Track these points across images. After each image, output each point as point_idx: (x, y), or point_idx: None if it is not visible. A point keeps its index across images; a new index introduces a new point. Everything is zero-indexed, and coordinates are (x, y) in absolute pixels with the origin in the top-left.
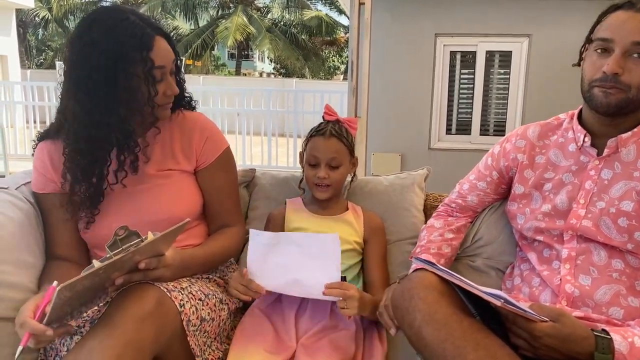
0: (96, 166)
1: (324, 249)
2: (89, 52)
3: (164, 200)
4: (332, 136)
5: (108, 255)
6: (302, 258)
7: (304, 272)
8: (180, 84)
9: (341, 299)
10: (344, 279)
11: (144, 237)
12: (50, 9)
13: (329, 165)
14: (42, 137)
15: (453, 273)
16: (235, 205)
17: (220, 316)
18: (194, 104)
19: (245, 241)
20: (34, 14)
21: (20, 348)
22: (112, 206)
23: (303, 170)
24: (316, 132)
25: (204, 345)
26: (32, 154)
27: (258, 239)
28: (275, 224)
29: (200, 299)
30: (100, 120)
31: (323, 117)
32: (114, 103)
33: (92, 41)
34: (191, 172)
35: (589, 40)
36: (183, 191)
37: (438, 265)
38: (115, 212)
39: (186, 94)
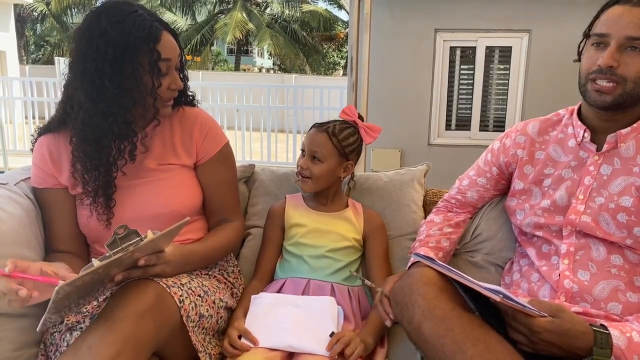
0: (102, 155)
1: (322, 309)
2: (97, 42)
3: (165, 194)
4: (324, 131)
5: (107, 255)
6: (300, 317)
7: (302, 330)
8: (184, 81)
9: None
10: (331, 334)
11: (143, 236)
12: (47, 4)
13: (312, 157)
14: (42, 131)
15: (452, 268)
16: (234, 201)
17: (218, 313)
18: (195, 103)
19: (244, 236)
20: (32, 8)
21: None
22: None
23: None
24: (317, 124)
25: (204, 342)
26: (31, 149)
27: (259, 300)
28: (276, 218)
29: (199, 295)
30: (105, 110)
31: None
32: (118, 93)
33: (100, 32)
34: (191, 167)
35: (587, 35)
36: (183, 185)
37: (437, 260)
38: (117, 206)
39: (189, 93)
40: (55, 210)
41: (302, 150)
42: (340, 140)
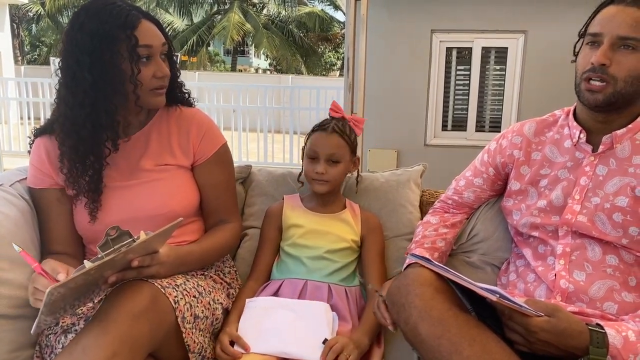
0: (86, 146)
1: (317, 315)
2: (77, 37)
3: (161, 195)
4: (333, 132)
5: (99, 256)
6: (294, 322)
7: (295, 335)
8: (175, 75)
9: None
10: (324, 340)
11: (135, 237)
12: (43, 4)
13: (329, 161)
14: (38, 132)
15: (448, 269)
16: (231, 202)
17: (214, 314)
18: (192, 100)
19: (241, 237)
20: (27, 9)
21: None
22: (109, 201)
23: (303, 164)
24: (318, 127)
25: (204, 343)
26: (28, 151)
27: (252, 304)
28: (274, 218)
29: (194, 296)
30: (83, 100)
31: (329, 114)
32: (98, 83)
33: (79, 26)
34: (188, 168)
35: (582, 35)
36: (180, 186)
37: (433, 260)
38: (113, 207)
39: (184, 90)
40: (52, 211)
41: (311, 158)
42: (349, 136)
